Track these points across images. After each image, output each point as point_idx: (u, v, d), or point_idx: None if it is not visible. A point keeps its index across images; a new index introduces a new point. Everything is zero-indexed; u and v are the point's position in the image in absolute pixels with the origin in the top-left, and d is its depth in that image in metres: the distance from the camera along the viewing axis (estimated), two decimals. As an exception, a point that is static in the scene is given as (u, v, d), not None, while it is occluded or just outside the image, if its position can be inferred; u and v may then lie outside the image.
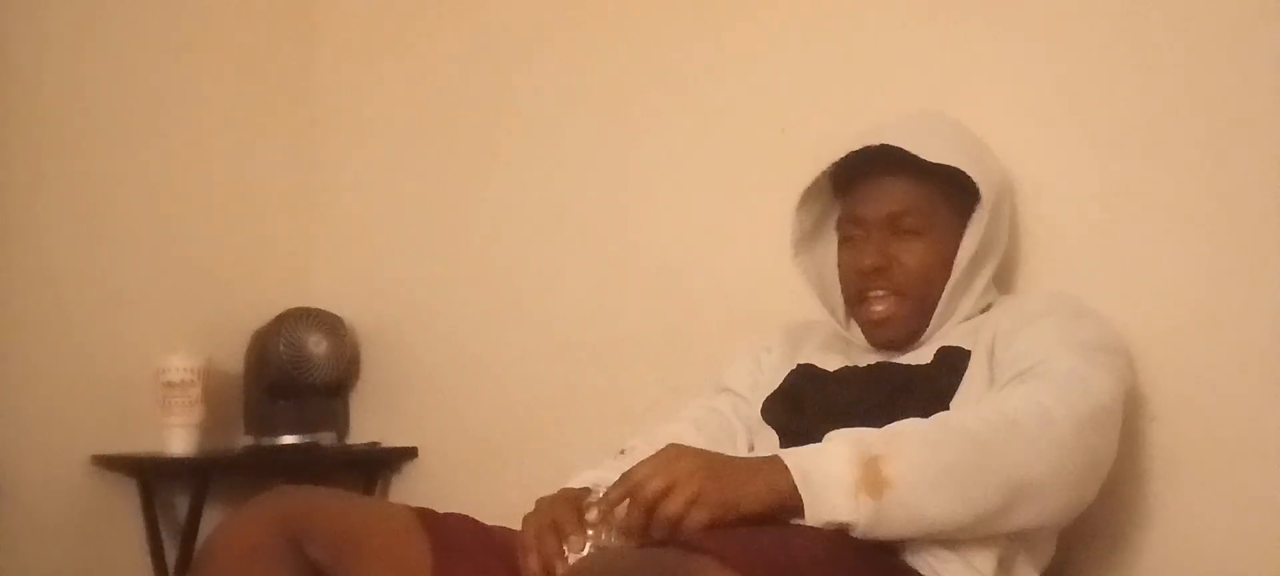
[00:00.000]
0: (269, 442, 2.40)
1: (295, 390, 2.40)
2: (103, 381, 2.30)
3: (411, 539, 1.37)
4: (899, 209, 1.51)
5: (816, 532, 1.23)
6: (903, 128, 1.52)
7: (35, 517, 2.21)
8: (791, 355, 1.63)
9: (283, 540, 1.33)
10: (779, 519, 1.23)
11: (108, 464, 2.28)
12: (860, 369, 1.54)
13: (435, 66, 2.48)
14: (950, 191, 1.51)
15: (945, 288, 1.50)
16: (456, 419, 2.38)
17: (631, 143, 2.16)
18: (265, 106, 2.60)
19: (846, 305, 1.58)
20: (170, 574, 2.26)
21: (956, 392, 1.42)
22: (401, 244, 2.51)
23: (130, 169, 2.37)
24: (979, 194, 1.50)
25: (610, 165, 2.19)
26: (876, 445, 1.24)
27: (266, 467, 2.37)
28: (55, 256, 2.28)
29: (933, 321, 1.51)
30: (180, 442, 2.24)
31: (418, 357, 2.46)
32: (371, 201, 2.57)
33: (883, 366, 1.53)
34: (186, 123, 2.45)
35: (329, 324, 2.45)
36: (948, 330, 1.51)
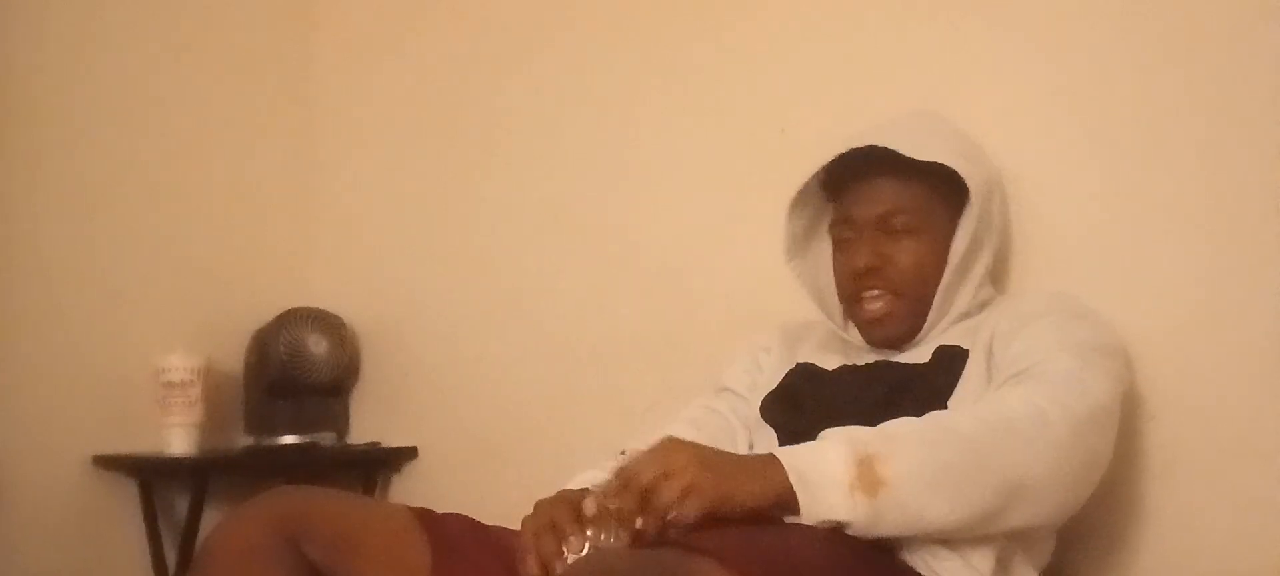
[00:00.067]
0: (269, 442, 2.40)
1: (295, 390, 2.40)
2: (102, 381, 2.30)
3: (410, 539, 1.37)
4: (890, 209, 1.51)
5: (815, 532, 1.23)
6: (891, 128, 1.52)
7: (35, 517, 2.21)
8: (790, 354, 1.63)
9: (281, 540, 1.33)
10: (774, 516, 1.23)
11: (108, 464, 2.28)
12: (858, 368, 1.55)
13: (435, 66, 2.48)
14: (941, 189, 1.51)
15: (940, 285, 1.50)
16: (456, 419, 2.38)
17: (631, 143, 2.16)
18: (265, 106, 2.60)
19: (843, 307, 1.59)
20: (170, 574, 2.26)
21: (954, 392, 1.42)
22: (401, 244, 2.51)
23: (130, 169, 2.37)
24: (969, 191, 1.50)
25: (610, 165, 2.19)
26: (872, 444, 1.24)
27: (266, 467, 2.37)
28: (55, 256, 2.28)
29: (929, 319, 1.51)
30: (180, 442, 2.24)
31: (418, 357, 2.46)
32: (371, 201, 2.57)
33: (881, 365, 1.53)
34: (186, 123, 2.45)
35: (329, 324, 2.45)
36: (945, 329, 1.51)
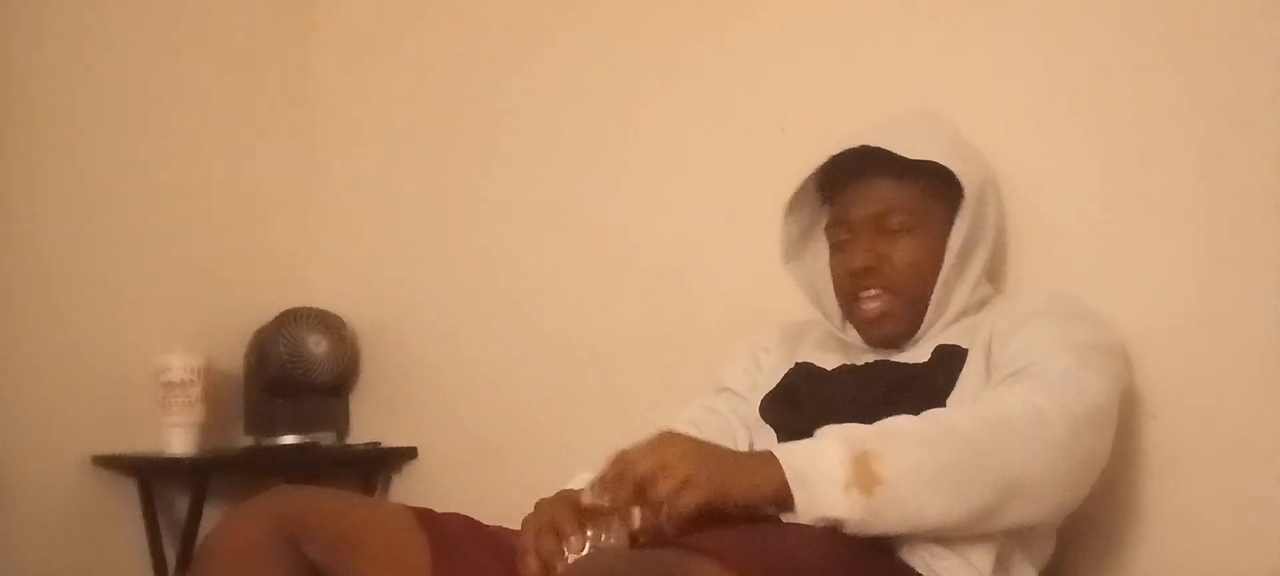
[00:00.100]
0: (269, 442, 2.40)
1: (295, 390, 2.40)
2: (102, 381, 2.30)
3: (410, 538, 1.38)
4: (884, 208, 1.51)
5: (815, 532, 1.23)
6: (885, 128, 1.53)
7: (35, 517, 2.21)
8: (790, 354, 1.63)
9: (281, 539, 1.33)
10: (769, 513, 1.23)
11: (108, 464, 2.28)
12: (857, 367, 1.55)
13: (434, 66, 2.48)
14: (935, 188, 1.51)
15: (937, 283, 1.50)
16: (456, 419, 2.38)
17: (631, 142, 2.16)
18: (265, 106, 2.60)
19: (841, 308, 1.59)
20: (170, 573, 2.26)
21: (953, 391, 1.42)
22: (401, 244, 2.51)
23: (130, 169, 2.38)
24: (963, 189, 1.50)
25: (610, 165, 2.19)
26: (869, 442, 1.24)
27: (266, 467, 2.37)
28: (55, 256, 2.28)
29: (927, 318, 1.52)
30: (180, 442, 2.24)
31: (418, 357, 2.46)
32: (371, 201, 2.57)
33: (880, 365, 1.53)
34: (186, 123, 2.45)
35: (329, 324, 2.45)
36: (943, 327, 1.52)
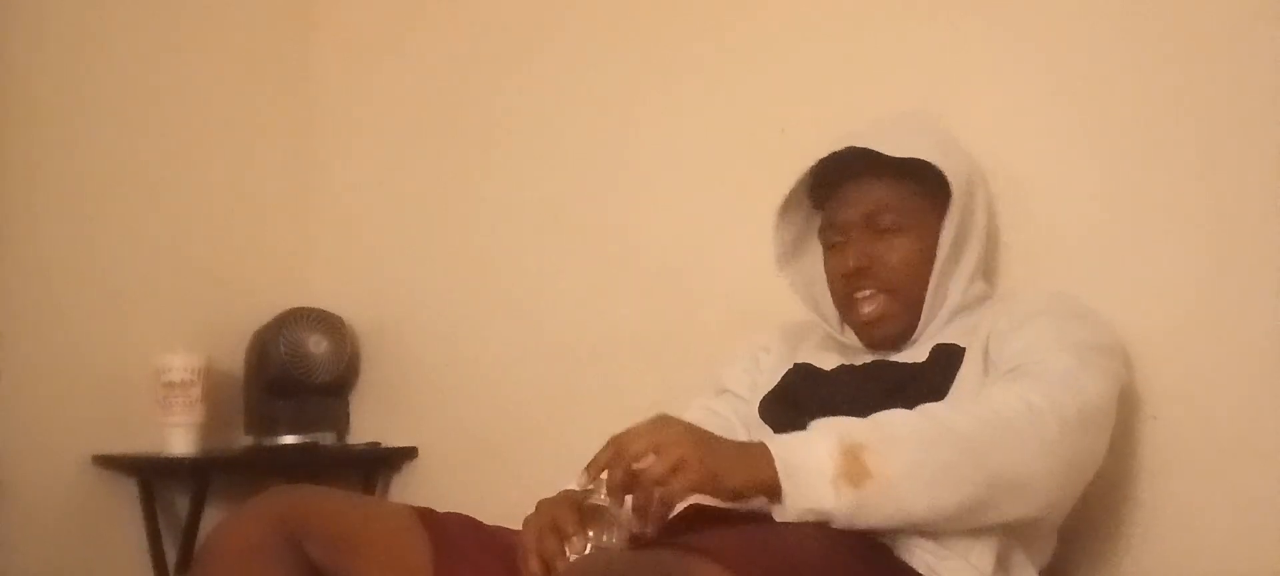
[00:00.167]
0: (269, 442, 2.40)
1: (295, 390, 2.40)
2: (103, 381, 2.30)
3: (411, 538, 1.38)
4: (874, 208, 1.52)
5: (815, 533, 1.23)
6: (872, 129, 1.53)
7: (35, 517, 2.21)
8: (789, 355, 1.63)
9: (282, 539, 1.33)
10: (757, 503, 1.23)
11: (108, 463, 2.28)
12: (856, 367, 1.55)
13: (434, 66, 2.48)
14: (924, 186, 1.52)
15: (930, 280, 1.50)
16: (456, 419, 2.38)
17: (631, 142, 2.16)
18: (264, 106, 2.60)
19: (838, 310, 1.59)
20: (170, 573, 2.26)
21: (951, 390, 1.42)
22: (401, 244, 2.51)
23: (130, 169, 2.38)
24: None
25: (609, 165, 2.19)
26: (860, 435, 1.24)
27: (266, 467, 2.37)
28: (55, 256, 2.28)
29: (923, 316, 1.52)
30: (180, 442, 2.24)
31: (418, 357, 2.46)
32: (371, 201, 2.57)
33: (878, 365, 1.53)
34: (186, 122, 2.45)
35: (329, 324, 2.45)
36: (941, 327, 1.52)
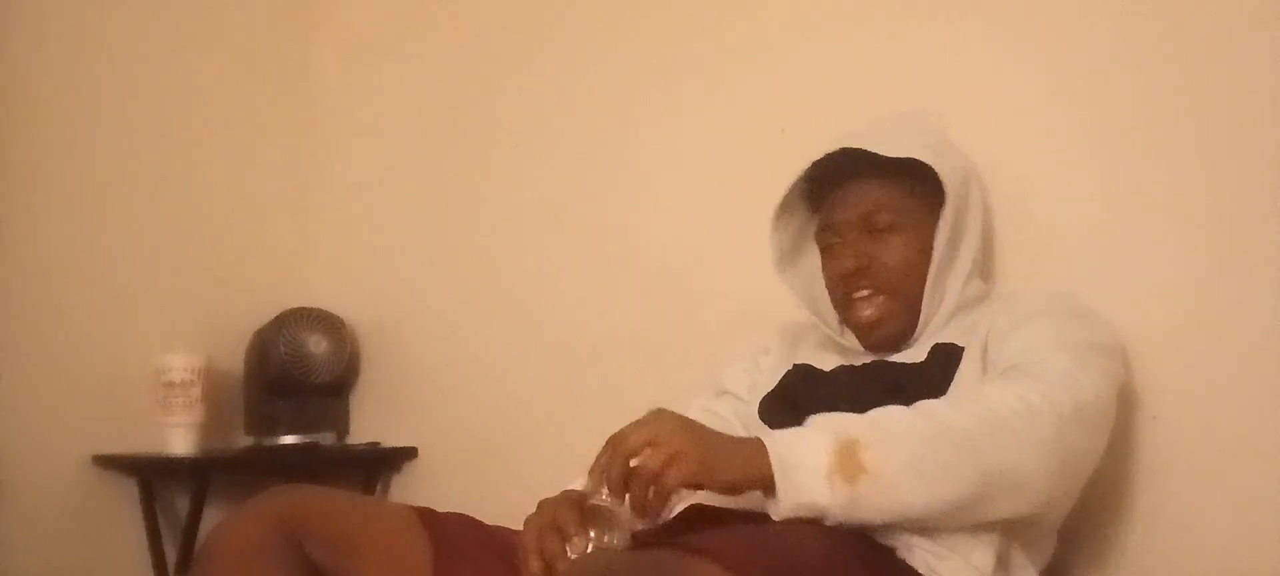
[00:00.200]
0: (269, 442, 2.40)
1: (295, 390, 2.40)
2: (103, 381, 2.30)
3: (411, 538, 1.38)
4: (869, 208, 1.53)
5: (815, 533, 1.23)
6: (866, 131, 1.54)
7: (35, 517, 2.21)
8: (789, 355, 1.64)
9: (282, 539, 1.33)
10: (752, 498, 1.24)
11: (108, 464, 2.28)
12: (855, 368, 1.55)
13: (434, 66, 2.48)
14: (918, 186, 1.52)
15: (927, 278, 1.51)
16: (456, 419, 2.38)
17: (631, 142, 2.16)
18: (265, 106, 2.60)
19: (837, 311, 1.60)
20: (170, 574, 2.26)
21: (950, 389, 1.42)
22: (401, 244, 2.51)
23: (130, 169, 2.38)
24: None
25: (609, 165, 2.19)
26: (855, 430, 1.24)
27: (266, 467, 2.37)
28: (55, 256, 2.28)
29: (922, 315, 1.52)
30: (180, 442, 2.24)
31: (418, 357, 2.46)
32: (371, 201, 2.58)
33: (877, 365, 1.54)
34: (186, 122, 2.45)
35: (329, 324, 2.45)
36: (940, 326, 1.52)
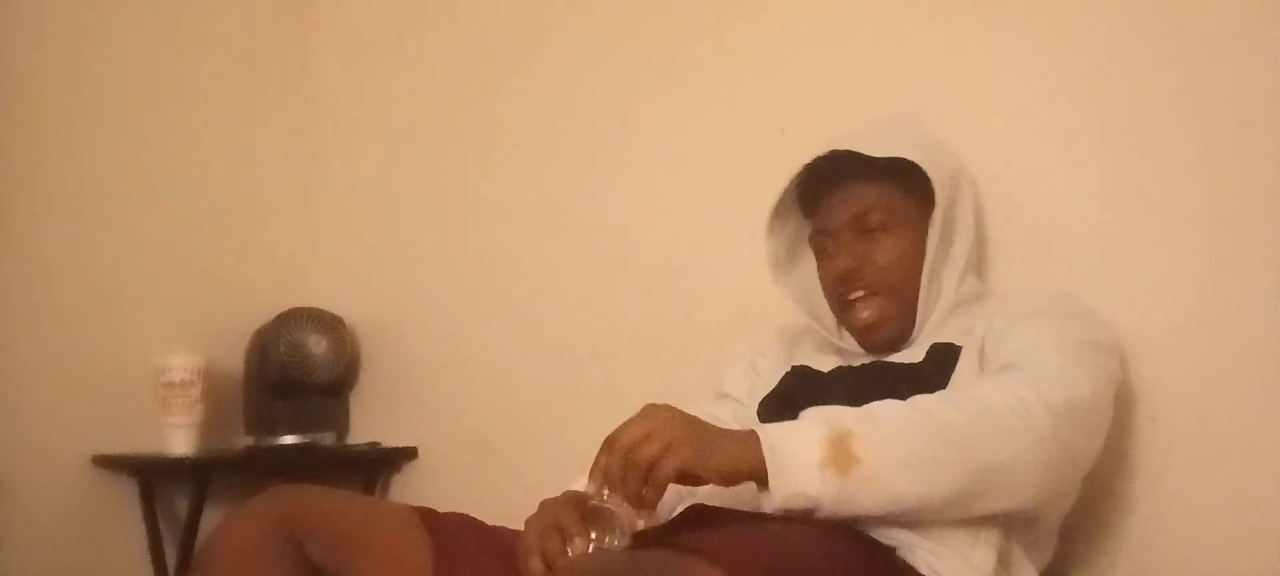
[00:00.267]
0: (269, 442, 2.40)
1: (295, 390, 2.40)
2: (103, 381, 2.30)
3: (412, 538, 1.38)
4: (861, 209, 1.53)
5: (815, 533, 1.23)
6: (854, 133, 1.55)
7: (35, 517, 2.21)
8: (787, 358, 1.64)
9: (283, 539, 1.33)
10: (744, 487, 1.24)
11: (108, 464, 2.28)
12: (853, 368, 1.56)
13: (434, 66, 2.48)
14: (909, 186, 1.52)
15: (922, 278, 1.51)
16: (456, 419, 2.38)
17: (631, 142, 2.16)
18: (265, 106, 2.60)
19: (835, 314, 1.60)
20: (170, 574, 2.26)
21: (947, 387, 1.43)
22: (401, 244, 2.51)
23: (130, 169, 2.38)
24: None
25: (609, 165, 2.19)
26: (849, 422, 1.25)
27: (266, 467, 2.37)
28: (55, 256, 2.28)
29: (919, 314, 1.53)
30: (180, 442, 2.24)
31: (418, 357, 2.46)
32: (371, 201, 2.58)
33: (876, 365, 1.54)
34: (186, 122, 2.45)
35: (329, 324, 2.45)
36: (937, 325, 1.52)
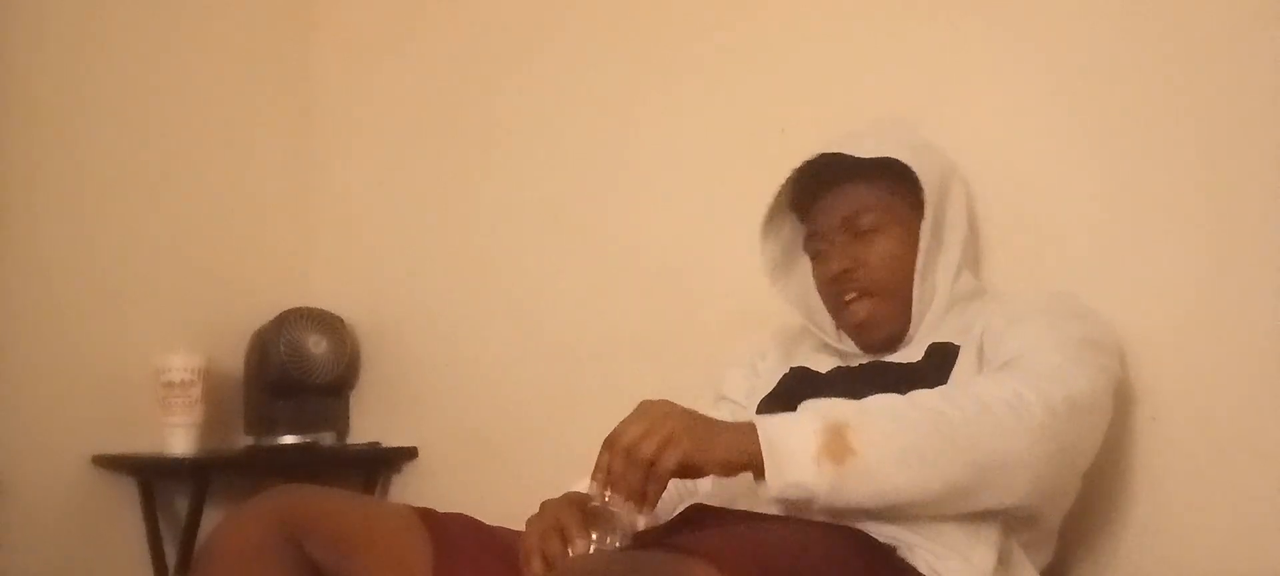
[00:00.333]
0: (269, 442, 2.40)
1: (295, 390, 2.40)
2: (103, 381, 2.30)
3: (412, 538, 1.38)
4: (852, 211, 1.54)
5: (816, 534, 1.24)
6: (844, 136, 1.55)
7: (35, 517, 2.21)
8: (786, 359, 1.65)
9: (283, 539, 1.33)
10: (742, 478, 1.25)
11: (108, 464, 2.28)
12: (852, 369, 1.56)
13: (434, 65, 2.48)
14: (900, 186, 1.53)
15: (915, 276, 1.51)
16: (456, 419, 2.38)
17: (631, 142, 2.16)
18: (265, 106, 2.60)
19: (832, 316, 1.61)
20: (170, 574, 2.27)
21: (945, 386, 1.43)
22: (401, 244, 2.51)
23: (130, 168, 2.38)
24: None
25: (609, 164, 2.19)
26: (845, 415, 1.25)
27: (266, 467, 2.37)
28: (55, 256, 2.28)
29: (914, 312, 1.53)
30: (180, 442, 2.24)
31: (418, 357, 2.46)
32: (371, 201, 2.58)
33: (874, 366, 1.54)
34: (186, 122, 2.45)
35: (329, 324, 2.45)
36: (934, 324, 1.52)
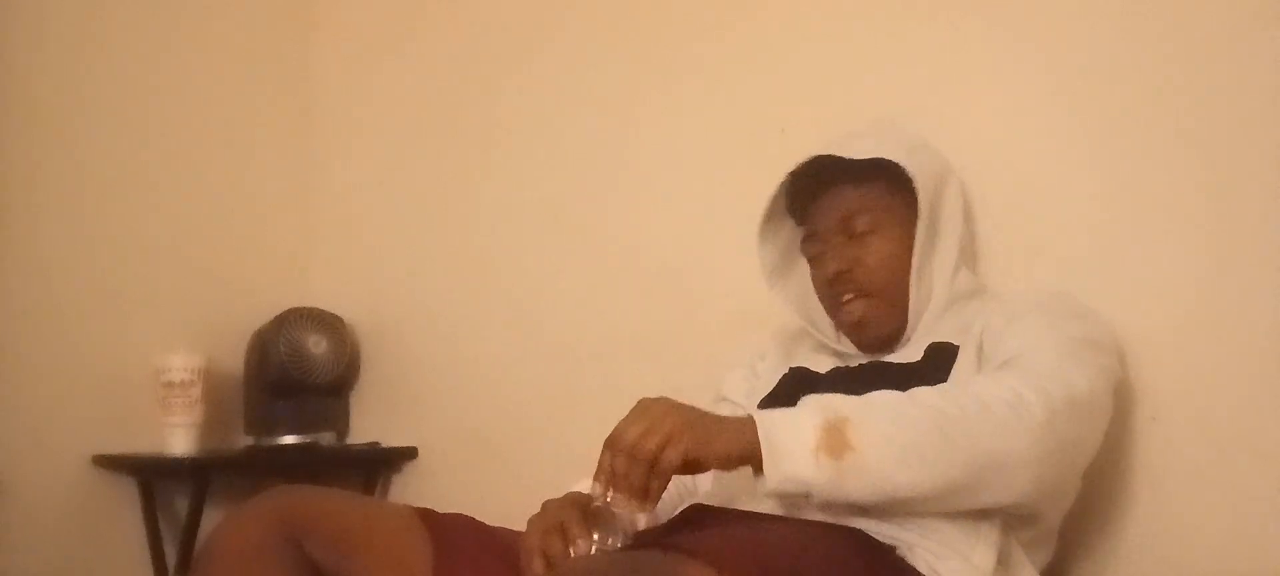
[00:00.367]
0: (269, 442, 2.40)
1: (295, 390, 2.40)
2: (103, 381, 2.30)
3: (412, 538, 1.38)
4: (847, 212, 1.54)
5: (816, 534, 1.24)
6: (839, 138, 1.56)
7: (35, 517, 2.21)
8: (785, 359, 1.65)
9: (283, 539, 1.33)
10: (741, 472, 1.25)
11: (108, 464, 2.28)
12: (851, 369, 1.56)
13: (434, 65, 2.48)
14: (895, 187, 1.53)
15: (911, 276, 1.52)
16: (456, 419, 2.38)
17: (631, 142, 2.16)
18: (264, 106, 2.60)
19: (830, 317, 1.61)
20: (170, 574, 2.27)
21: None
22: (401, 244, 2.51)
23: (129, 168, 2.38)
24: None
25: (610, 164, 2.19)
26: (845, 410, 1.26)
27: (266, 467, 2.37)
28: (55, 256, 2.28)
29: (912, 312, 1.53)
30: (180, 442, 2.24)
31: (418, 357, 2.46)
32: (371, 201, 2.58)
33: (873, 366, 1.54)
34: (185, 122, 2.45)
35: (329, 324, 2.45)
36: (932, 323, 1.52)
